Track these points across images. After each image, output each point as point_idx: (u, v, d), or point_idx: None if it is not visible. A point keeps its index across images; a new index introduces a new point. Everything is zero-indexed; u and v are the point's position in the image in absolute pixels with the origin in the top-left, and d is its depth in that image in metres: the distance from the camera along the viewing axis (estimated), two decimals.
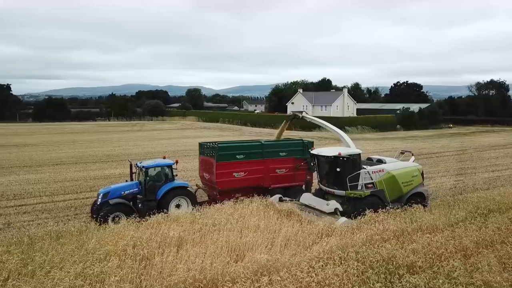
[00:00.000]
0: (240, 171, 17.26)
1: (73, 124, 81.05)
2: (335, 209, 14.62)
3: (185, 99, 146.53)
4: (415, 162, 17.59)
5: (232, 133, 62.39)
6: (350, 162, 15.11)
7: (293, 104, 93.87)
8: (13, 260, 9.79)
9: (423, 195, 16.39)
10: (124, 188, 16.02)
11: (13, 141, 47.27)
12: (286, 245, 11.58)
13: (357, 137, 55.28)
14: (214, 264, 9.43)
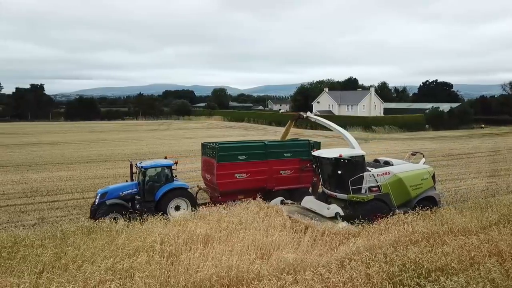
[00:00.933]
0: (242, 172, 16.82)
1: (102, 123, 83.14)
2: (335, 213, 13.95)
3: (211, 98, 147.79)
4: (426, 163, 16.80)
5: (257, 132, 62.48)
6: (352, 164, 14.34)
7: (319, 103, 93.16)
8: (47, 253, 10.15)
9: (434, 200, 15.54)
10: (123, 189, 15.72)
11: (46, 139, 48.91)
12: (313, 245, 11.52)
13: (384, 137, 54.32)
14: (240, 262, 9.47)
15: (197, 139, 50.24)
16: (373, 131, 61.26)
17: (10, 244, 10.92)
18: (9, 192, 20.82)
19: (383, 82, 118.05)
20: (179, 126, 75.63)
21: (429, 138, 53.26)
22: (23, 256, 10.13)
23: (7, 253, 10.33)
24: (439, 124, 70.18)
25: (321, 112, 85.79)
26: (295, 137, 27.66)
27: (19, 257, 10.11)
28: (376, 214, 13.65)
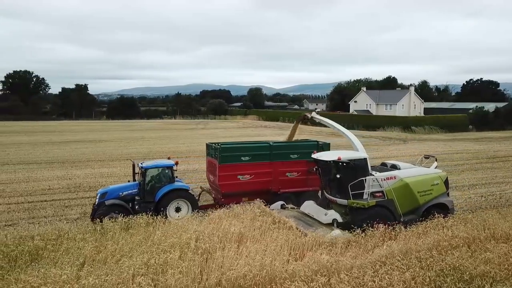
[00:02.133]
0: (246, 174, 16.34)
1: (142, 122, 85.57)
2: (333, 220, 13.25)
3: (246, 98, 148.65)
4: (438, 168, 15.72)
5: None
6: (351, 167, 13.45)
7: (356, 103, 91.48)
8: (88, 247, 10.62)
9: (446, 207, 14.46)
10: (123, 189, 15.58)
11: (89, 137, 50.96)
12: (347, 247, 11.35)
13: (424, 137, 52.58)
14: (274, 262, 9.48)
15: (232, 138, 50.68)
16: (413, 131, 59.40)
17: (55, 237, 11.52)
18: (55, 187, 21.87)
19: (423, 81, 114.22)
20: (215, 126, 76.56)
21: (472, 139, 51.01)
22: (66, 249, 10.64)
23: (51, 245, 10.90)
24: (484, 125, 67.03)
25: (359, 111, 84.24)
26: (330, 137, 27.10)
27: (63, 249, 10.63)
28: (378, 221, 12.59)
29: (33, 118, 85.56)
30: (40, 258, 10.29)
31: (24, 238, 11.25)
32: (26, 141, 45.12)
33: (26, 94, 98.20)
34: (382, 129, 61.61)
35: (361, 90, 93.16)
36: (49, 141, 45.77)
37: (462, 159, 32.24)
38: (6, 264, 9.78)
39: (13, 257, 10.14)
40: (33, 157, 33.32)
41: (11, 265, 9.80)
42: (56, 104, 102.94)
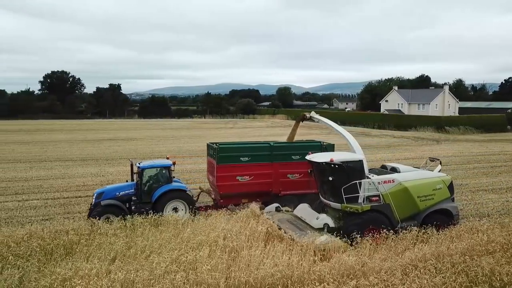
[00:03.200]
0: (245, 175, 15.87)
1: (172, 121, 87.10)
2: (324, 224, 12.63)
3: (275, 97, 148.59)
4: (442, 171, 14.92)
5: (321, 131, 61.56)
6: (344, 170, 12.73)
7: (387, 102, 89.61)
8: (119, 242, 10.93)
9: (450, 213, 13.67)
10: (120, 189, 15.35)
11: (121, 135, 52.35)
12: (376, 249, 11.14)
13: (459, 138, 50.85)
14: (301, 262, 9.44)
15: (260, 138, 50.75)
16: (446, 131, 57.52)
17: (88, 232, 11.91)
18: (89, 184, 22.58)
19: (458, 80, 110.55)
20: (244, 125, 76.92)
21: (510, 140, 48.90)
22: (98, 244, 10.99)
23: (85, 240, 11.29)
24: None
25: (390, 111, 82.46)
26: None
27: (95, 244, 10.99)
28: (372, 227, 12.07)
29: (69, 117, 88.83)
30: (74, 252, 10.67)
31: (59, 232, 11.69)
32: (63, 139, 46.87)
33: (63, 93, 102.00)
34: (414, 129, 60.02)
35: (392, 89, 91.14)
36: (84, 139, 47.35)
37: (499, 160, 30.95)
38: (43, 257, 10.21)
39: (49, 251, 10.57)
40: (69, 154, 34.58)
41: (47, 258, 10.22)
42: (91, 103, 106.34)
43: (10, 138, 47.44)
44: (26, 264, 9.53)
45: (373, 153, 36.45)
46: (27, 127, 63.97)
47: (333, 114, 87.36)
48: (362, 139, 49.68)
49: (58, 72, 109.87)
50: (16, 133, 54.97)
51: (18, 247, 10.55)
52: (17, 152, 35.42)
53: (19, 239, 11.03)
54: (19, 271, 8.99)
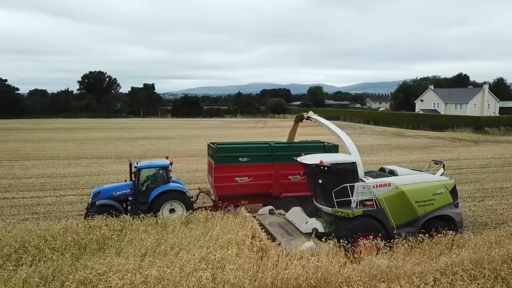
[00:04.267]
0: (244, 176, 15.43)
1: (204, 120, 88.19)
2: (312, 229, 12.06)
3: (306, 97, 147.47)
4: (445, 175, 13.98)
5: (353, 131, 60.57)
6: (334, 172, 12.10)
7: (422, 102, 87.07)
8: (149, 239, 11.11)
9: (452, 220, 12.80)
10: (117, 189, 15.25)
11: (155, 134, 53.49)
12: (409, 252, 10.78)
13: (499, 139, 48.64)
14: (329, 264, 9.26)
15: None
16: (486, 132, 55.18)
17: (120, 228, 12.18)
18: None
19: (499, 79, 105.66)
20: (274, 124, 76.78)
21: None
22: (130, 240, 11.21)
23: (117, 235, 11.55)
24: None
25: (425, 110, 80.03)
26: None
27: (127, 240, 11.22)
28: (364, 234, 11.32)
29: (105, 116, 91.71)
30: (106, 247, 10.94)
31: (93, 227, 12.02)
32: (99, 137, 48.43)
33: (100, 93, 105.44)
34: (451, 129, 57.97)
35: (428, 88, 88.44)
36: (119, 137, 48.72)
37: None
38: (77, 251, 10.53)
39: (83, 245, 10.89)
40: (104, 152, 35.66)
41: (80, 252, 10.54)
42: (126, 102, 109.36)
43: (51, 136, 49.49)
44: (60, 258, 9.85)
45: (407, 154, 35.48)
46: (66, 126, 66.55)
47: (366, 114, 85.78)
48: (395, 139, 48.46)
49: (95, 73, 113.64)
50: (56, 131, 57.28)
51: (54, 241, 10.92)
52: (56, 150, 36.88)
53: (55, 233, 11.42)
54: (53, 264, 9.30)
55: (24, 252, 10.23)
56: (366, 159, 31.89)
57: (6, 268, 9.07)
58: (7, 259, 9.78)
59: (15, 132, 54.38)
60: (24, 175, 24.87)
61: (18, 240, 10.81)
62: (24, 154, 34.12)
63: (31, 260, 9.75)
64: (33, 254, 10.08)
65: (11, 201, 19.07)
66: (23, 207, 17.63)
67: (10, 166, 28.02)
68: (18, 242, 10.69)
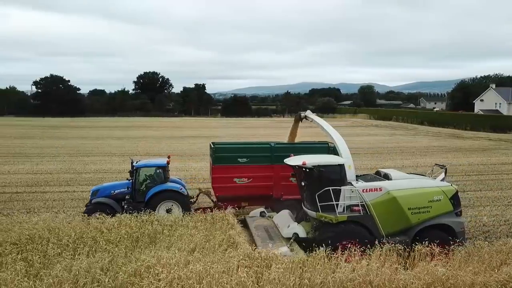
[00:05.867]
0: (243, 177, 15.05)
1: (252, 120, 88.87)
2: (293, 234, 11.58)
3: (357, 96, 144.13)
4: (446, 180, 12.84)
5: (406, 132, 58.34)
6: (316, 174, 11.44)
7: (482, 102, 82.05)
8: (198, 235, 11.32)
9: (451, 230, 11.72)
10: (115, 187, 15.34)
11: (205, 133, 54.63)
12: (467, 260, 10.15)
13: None
14: (382, 269, 8.93)
15: None
16: None
17: (170, 223, 12.52)
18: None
19: None
20: None
21: None
22: (180, 235, 11.49)
23: (167, 230, 11.89)
24: None
25: (485, 111, 75.26)
26: None
27: (177, 235, 11.52)
28: (348, 241, 10.67)
29: (159, 115, 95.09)
30: (157, 241, 11.29)
31: (145, 222, 12.46)
32: (152, 135, 50.32)
33: (154, 93, 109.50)
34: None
35: (489, 87, 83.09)
36: (171, 135, 50.33)
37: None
38: (130, 244, 10.96)
39: (135, 238, 11.32)
40: (157, 149, 36.94)
41: (133, 245, 10.96)
42: (178, 102, 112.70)
43: (108, 134, 52.13)
44: (115, 250, 10.29)
45: (464, 156, 33.62)
46: (122, 124, 69.84)
47: (420, 114, 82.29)
48: (452, 141, 46.06)
49: (150, 73, 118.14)
50: (113, 129, 60.25)
51: (109, 233, 11.45)
52: (113, 147, 38.75)
53: (110, 226, 11.97)
54: (109, 255, 9.73)
55: (81, 242, 10.81)
56: (419, 161, 30.60)
57: (65, 257, 9.61)
58: (65, 249, 10.36)
59: (76, 130, 57.86)
60: (84, 170, 26.34)
61: (77, 231, 11.45)
62: (83, 150, 36.18)
63: (88, 250, 10.27)
64: (89, 244, 10.63)
65: (71, 194, 20.28)
66: (82, 200, 18.64)
67: (71, 162, 29.81)
68: (76, 233, 11.32)
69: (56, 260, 9.59)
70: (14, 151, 35.17)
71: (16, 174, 25.04)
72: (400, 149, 38.20)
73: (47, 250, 10.12)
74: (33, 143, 41.45)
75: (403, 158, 32.54)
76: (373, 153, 35.60)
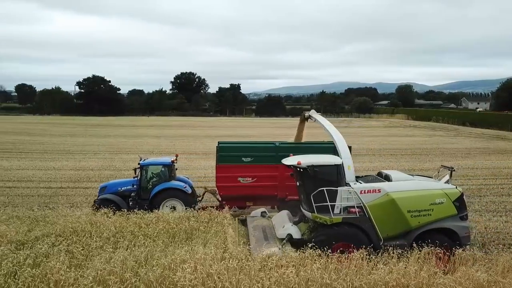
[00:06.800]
0: (247, 176, 14.91)
1: (286, 120, 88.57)
2: (286, 235, 11.28)
3: (394, 96, 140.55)
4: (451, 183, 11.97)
5: (447, 133, 56.31)
6: (310, 174, 11.11)
7: None
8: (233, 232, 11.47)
9: (455, 234, 11.14)
10: (123, 184, 15.64)
11: (239, 132, 55.12)
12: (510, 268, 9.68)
13: None
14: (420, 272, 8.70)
15: (377, 138, 48.52)
16: None
17: (206, 220, 12.76)
18: (209, 176, 24.14)
19: None
20: (359, 124, 74.50)
21: None
22: (215, 232, 11.70)
23: (203, 227, 12.14)
24: None
25: None
26: None
27: (212, 232, 11.72)
28: (344, 243, 10.36)
29: (194, 114, 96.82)
30: (193, 237, 11.54)
31: (182, 218, 12.76)
32: (188, 134, 51.33)
33: (190, 93, 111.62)
34: None
35: None
36: (206, 135, 51.10)
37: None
38: (167, 239, 11.26)
39: (172, 234, 11.61)
40: (193, 148, 37.67)
41: (170, 240, 11.24)
42: (213, 102, 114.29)
43: (146, 132, 53.66)
44: (153, 244, 10.61)
45: (509, 158, 32.06)
46: (159, 123, 71.66)
47: (462, 115, 79.23)
48: (496, 143, 44.05)
49: (186, 73, 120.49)
50: (151, 128, 61.93)
51: (147, 228, 11.82)
52: (150, 145, 39.83)
53: (149, 221, 12.35)
54: (146, 249, 10.05)
55: (121, 236, 11.21)
56: (461, 163, 29.49)
57: (106, 249, 10.01)
58: (106, 242, 10.79)
59: (116, 128, 59.96)
60: (123, 167, 27.24)
61: (117, 226, 11.89)
62: (123, 148, 37.45)
63: (127, 244, 10.64)
64: (129, 239, 11.01)
65: None
66: None
67: (111, 159, 30.92)
68: (116, 227, 11.75)
69: (97, 252, 10.00)
70: (59, 148, 36.92)
71: (60, 170, 26.26)
72: (440, 151, 36.94)
73: (90, 242, 10.58)
74: (76, 141, 43.33)
75: (443, 159, 31.44)
76: (411, 154, 34.61)
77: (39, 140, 43.17)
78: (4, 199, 18.81)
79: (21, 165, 27.65)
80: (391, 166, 26.48)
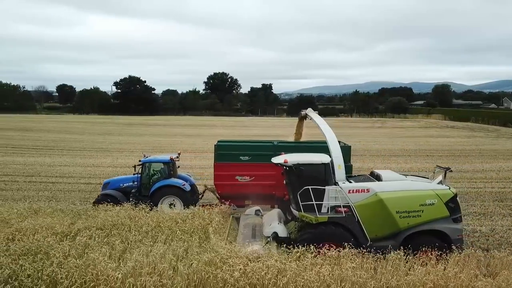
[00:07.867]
0: (245, 175, 14.86)
1: None
2: (272, 233, 11.14)
3: (430, 96, 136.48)
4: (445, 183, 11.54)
5: (486, 134, 54.16)
6: (296, 173, 11.07)
7: None
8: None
9: (447, 236, 10.81)
10: (125, 181, 16.02)
11: (270, 132, 55.32)
12: None
13: None
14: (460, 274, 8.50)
15: (412, 139, 47.31)
16: None
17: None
18: None
19: None
20: (393, 125, 72.87)
21: None
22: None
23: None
24: None
25: None
26: None
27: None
28: (329, 243, 10.10)
29: (227, 114, 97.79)
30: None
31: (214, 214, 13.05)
32: (221, 134, 51.86)
33: (223, 93, 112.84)
34: None
35: None
36: (239, 134, 51.53)
37: None
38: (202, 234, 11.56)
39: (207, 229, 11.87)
40: None
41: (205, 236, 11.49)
42: (245, 102, 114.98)
43: (180, 132, 54.77)
44: (189, 239, 10.89)
45: None
46: (193, 123, 72.90)
47: (503, 115, 75.92)
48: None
49: (219, 74, 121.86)
50: (184, 127, 63.13)
51: (184, 224, 12.15)
52: (185, 144, 40.64)
53: (185, 217, 12.69)
54: (183, 244, 10.32)
55: (159, 231, 11.57)
56: (502, 165, 28.38)
57: (145, 243, 10.36)
58: (145, 236, 11.17)
59: (151, 128, 61.48)
60: None
61: (154, 220, 12.28)
62: (158, 147, 38.37)
63: (165, 238, 10.97)
64: (166, 233, 11.34)
65: None
66: None
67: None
68: (154, 222, 12.14)
69: (136, 245, 10.37)
70: (98, 146, 38.31)
71: (99, 167, 27.27)
72: (480, 152, 35.59)
73: (129, 236, 10.98)
74: (113, 139, 44.82)
75: (483, 161, 30.30)
76: (448, 155, 33.55)
77: (78, 138, 44.94)
78: (47, 193, 19.77)
79: (63, 162, 28.92)
80: (427, 167, 25.77)
